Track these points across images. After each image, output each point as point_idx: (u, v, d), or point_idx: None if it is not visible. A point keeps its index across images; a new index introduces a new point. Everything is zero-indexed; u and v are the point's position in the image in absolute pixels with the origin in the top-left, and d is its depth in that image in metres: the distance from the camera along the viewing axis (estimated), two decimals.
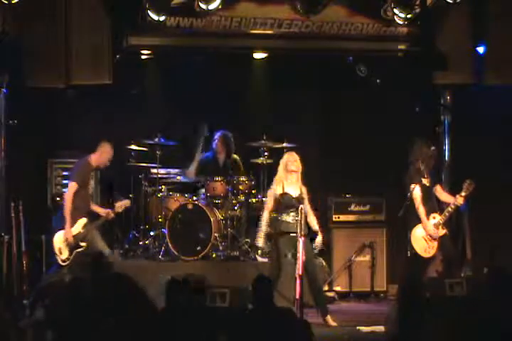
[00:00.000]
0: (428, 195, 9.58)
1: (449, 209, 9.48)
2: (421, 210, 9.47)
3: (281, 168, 9.24)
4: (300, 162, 9.20)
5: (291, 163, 9.18)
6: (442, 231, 9.50)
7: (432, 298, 8.01)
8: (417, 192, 9.45)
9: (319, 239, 9.11)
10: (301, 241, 8.58)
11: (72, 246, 9.31)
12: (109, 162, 9.61)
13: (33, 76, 9.50)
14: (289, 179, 9.16)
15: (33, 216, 9.89)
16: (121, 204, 9.64)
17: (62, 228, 9.33)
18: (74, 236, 9.29)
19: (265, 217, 9.22)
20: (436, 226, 9.47)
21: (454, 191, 9.74)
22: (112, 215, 9.56)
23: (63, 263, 9.32)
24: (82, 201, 9.42)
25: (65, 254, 9.33)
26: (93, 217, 9.57)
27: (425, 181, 9.59)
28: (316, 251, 9.19)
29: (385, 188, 10.88)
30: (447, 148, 11.11)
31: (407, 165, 9.66)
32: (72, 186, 9.34)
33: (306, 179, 9.50)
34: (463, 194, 9.43)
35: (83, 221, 9.38)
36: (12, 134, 9.80)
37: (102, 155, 9.52)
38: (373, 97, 11.14)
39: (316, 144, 11.33)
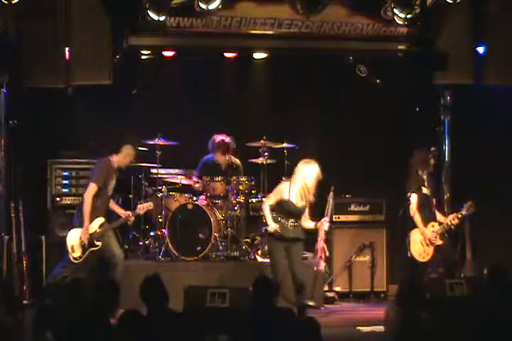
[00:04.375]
0: (427, 203, 9.63)
1: (446, 226, 9.54)
2: (417, 218, 9.56)
3: (300, 180, 9.14)
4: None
5: (312, 181, 9.11)
6: (439, 241, 9.55)
7: (432, 298, 8.02)
8: (413, 200, 9.50)
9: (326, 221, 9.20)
10: (326, 224, 9.06)
11: (87, 245, 9.31)
12: (131, 163, 9.67)
13: (33, 76, 9.49)
14: (301, 191, 9.15)
15: (33, 216, 9.88)
16: (144, 206, 9.64)
17: (76, 226, 9.32)
18: (90, 235, 9.30)
19: (266, 207, 9.24)
20: (434, 235, 9.53)
21: (455, 198, 9.80)
22: (133, 218, 9.55)
23: (75, 261, 9.30)
24: (102, 201, 9.38)
25: (78, 253, 9.31)
26: (111, 216, 9.59)
27: (425, 190, 9.64)
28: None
29: (385, 188, 10.89)
30: (447, 148, 11.10)
31: (407, 168, 9.71)
32: (93, 187, 9.28)
33: None
34: (462, 214, 9.50)
35: (100, 220, 9.37)
36: (12, 134, 9.79)
37: (125, 158, 9.49)
38: (373, 97, 11.15)
39: (316, 144, 11.33)
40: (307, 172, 9.11)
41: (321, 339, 6.10)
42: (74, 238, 9.33)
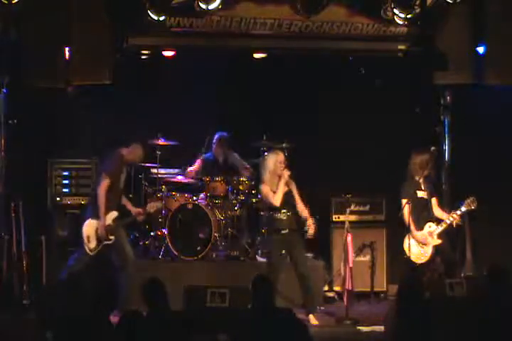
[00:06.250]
0: (424, 206, 9.61)
1: (444, 224, 9.53)
2: (410, 223, 9.52)
3: (267, 170, 9.22)
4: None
5: (279, 165, 9.16)
6: (438, 241, 9.54)
7: (432, 298, 8.02)
8: (406, 206, 9.49)
9: (310, 222, 9.20)
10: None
11: (102, 238, 9.28)
12: (138, 162, 9.72)
13: (33, 76, 9.50)
14: (275, 180, 9.16)
15: (33, 216, 9.88)
16: (154, 205, 9.64)
17: (89, 218, 9.28)
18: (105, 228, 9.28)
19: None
20: (431, 234, 9.52)
21: (455, 198, 9.76)
22: (143, 216, 9.55)
23: (90, 253, 9.27)
24: (114, 194, 9.34)
25: (93, 244, 9.28)
26: (122, 212, 9.56)
27: (422, 194, 9.62)
28: (309, 234, 9.26)
29: (385, 188, 10.88)
30: (447, 148, 11.09)
31: (406, 165, 9.71)
32: (106, 178, 9.23)
33: (306, 179, 9.56)
34: (462, 210, 9.49)
35: (114, 214, 9.35)
36: (12, 134, 9.80)
37: (132, 153, 9.43)
38: (373, 97, 11.15)
39: (315, 144, 11.33)
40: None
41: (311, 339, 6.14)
42: (90, 229, 9.28)
